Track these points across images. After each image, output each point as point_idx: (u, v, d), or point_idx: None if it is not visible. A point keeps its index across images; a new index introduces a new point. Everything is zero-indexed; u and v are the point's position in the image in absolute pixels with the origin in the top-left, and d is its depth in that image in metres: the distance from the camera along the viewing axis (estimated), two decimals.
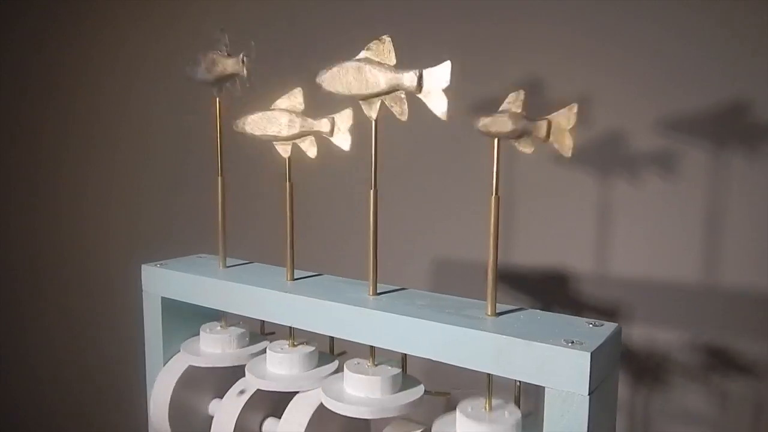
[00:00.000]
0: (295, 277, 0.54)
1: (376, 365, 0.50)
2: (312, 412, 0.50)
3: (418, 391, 0.50)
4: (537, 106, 0.43)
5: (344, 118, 0.49)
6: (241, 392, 0.55)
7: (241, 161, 0.79)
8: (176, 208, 1.19)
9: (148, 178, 1.24)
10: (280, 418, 0.59)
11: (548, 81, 0.79)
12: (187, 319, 0.58)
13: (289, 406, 0.52)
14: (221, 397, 0.57)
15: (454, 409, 0.46)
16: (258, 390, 0.54)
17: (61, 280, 1.41)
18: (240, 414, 0.55)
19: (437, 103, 0.43)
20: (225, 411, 0.55)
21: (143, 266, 0.58)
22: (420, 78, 0.43)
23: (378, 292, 0.49)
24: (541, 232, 0.84)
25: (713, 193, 0.73)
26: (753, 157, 0.70)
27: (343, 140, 0.49)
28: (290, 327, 0.53)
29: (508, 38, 0.83)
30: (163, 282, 0.57)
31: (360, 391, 0.49)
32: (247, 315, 0.52)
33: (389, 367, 0.50)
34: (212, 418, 0.56)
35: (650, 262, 0.77)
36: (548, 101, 0.42)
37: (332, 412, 0.48)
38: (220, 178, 0.57)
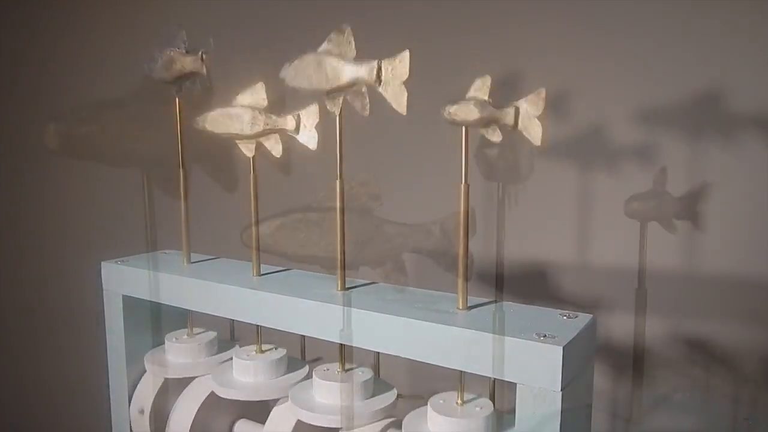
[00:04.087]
0: (263, 272, 0.52)
1: (347, 370, 0.48)
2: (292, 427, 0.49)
3: (390, 396, 0.48)
4: (513, 100, 0.41)
5: (310, 115, 0.47)
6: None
7: (205, 154, 0.77)
8: (143, 203, 1.17)
9: (114, 172, 1.21)
10: (250, 419, 0.57)
11: (524, 73, 0.77)
12: (150, 318, 0.56)
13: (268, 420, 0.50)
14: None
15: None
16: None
17: (23, 278, 1.37)
18: (209, 416, 0.53)
19: (397, 96, 0.40)
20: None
21: (103, 263, 0.55)
22: (379, 70, 0.40)
23: (347, 286, 0.47)
24: (522, 223, 0.82)
25: (692, 183, 0.72)
26: (730, 146, 0.70)
27: (309, 138, 0.47)
28: (257, 326, 0.51)
29: (486, 30, 0.82)
30: (124, 280, 0.54)
31: (330, 398, 0.47)
32: (211, 313, 0.50)
33: (360, 372, 0.48)
34: None
35: (631, 253, 0.76)
36: (524, 94, 0.41)
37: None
38: (181, 170, 0.55)
